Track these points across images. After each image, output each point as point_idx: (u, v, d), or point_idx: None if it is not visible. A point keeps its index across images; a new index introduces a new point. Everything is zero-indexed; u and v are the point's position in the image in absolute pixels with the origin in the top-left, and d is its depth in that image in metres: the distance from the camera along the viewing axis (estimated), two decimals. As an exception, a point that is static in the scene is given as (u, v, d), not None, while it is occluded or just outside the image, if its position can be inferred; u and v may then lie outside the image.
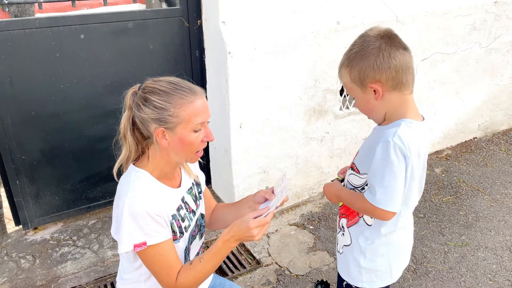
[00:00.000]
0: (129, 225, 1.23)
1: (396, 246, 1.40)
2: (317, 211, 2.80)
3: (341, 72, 1.26)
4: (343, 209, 1.45)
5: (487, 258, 2.37)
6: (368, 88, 1.20)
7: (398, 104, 1.25)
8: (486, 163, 3.32)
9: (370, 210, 1.26)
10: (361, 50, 1.19)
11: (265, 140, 2.53)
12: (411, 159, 1.20)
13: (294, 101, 2.53)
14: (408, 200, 1.33)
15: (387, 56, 1.18)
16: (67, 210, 2.62)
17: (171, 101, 1.23)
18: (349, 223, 1.41)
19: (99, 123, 2.46)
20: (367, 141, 1.37)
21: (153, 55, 2.44)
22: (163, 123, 1.24)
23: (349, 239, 1.42)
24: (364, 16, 2.60)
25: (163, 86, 1.25)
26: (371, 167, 1.24)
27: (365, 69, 1.18)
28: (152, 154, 1.32)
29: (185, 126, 1.25)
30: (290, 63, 2.42)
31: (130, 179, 1.29)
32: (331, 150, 2.84)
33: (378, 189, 1.21)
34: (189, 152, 1.30)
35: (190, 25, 2.44)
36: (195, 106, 1.25)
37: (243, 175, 2.56)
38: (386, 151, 1.19)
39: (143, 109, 1.24)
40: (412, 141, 1.21)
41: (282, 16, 2.36)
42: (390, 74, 1.19)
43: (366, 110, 1.28)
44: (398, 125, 1.22)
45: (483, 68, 3.34)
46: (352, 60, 1.20)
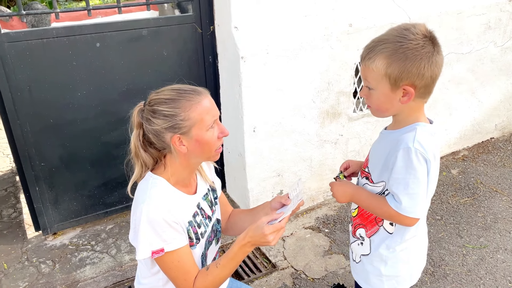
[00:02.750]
0: (146, 232, 1.25)
1: (416, 250, 1.38)
2: (332, 214, 2.79)
3: (374, 59, 1.15)
4: (358, 219, 1.42)
5: (507, 260, 2.33)
6: (400, 88, 1.16)
7: (415, 109, 1.24)
8: (504, 164, 3.27)
9: (394, 217, 1.24)
10: (411, 49, 1.12)
11: (278, 144, 2.53)
12: (432, 162, 1.19)
13: (307, 104, 2.53)
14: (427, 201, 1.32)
15: (434, 64, 1.15)
16: (85, 216, 2.66)
17: (179, 106, 1.25)
18: (369, 233, 1.38)
19: (116, 130, 2.51)
20: (378, 147, 1.34)
21: (167, 61, 2.47)
22: (177, 129, 1.26)
23: (369, 249, 1.39)
24: (376, 17, 2.59)
25: (167, 94, 1.27)
26: (392, 175, 1.22)
27: (409, 70, 1.13)
28: (169, 162, 1.33)
29: (199, 127, 1.27)
30: (302, 66, 2.42)
31: (148, 186, 1.31)
32: (345, 152, 2.83)
33: (403, 197, 1.20)
34: (209, 152, 1.32)
35: (203, 31, 2.47)
36: (203, 105, 1.26)
37: (257, 179, 2.57)
38: (408, 158, 1.18)
39: (154, 122, 1.26)
40: (430, 144, 1.20)
41: (294, 20, 2.37)
42: (426, 82, 1.16)
43: (381, 107, 1.23)
44: (414, 129, 1.20)
45: (498, 68, 3.30)
46: (398, 55, 1.13)
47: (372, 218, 1.38)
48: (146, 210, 1.25)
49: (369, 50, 1.19)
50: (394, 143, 1.23)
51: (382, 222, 1.34)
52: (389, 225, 1.34)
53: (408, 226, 1.28)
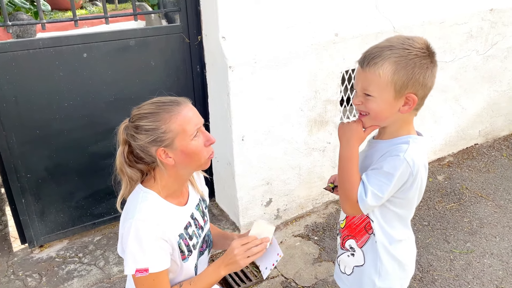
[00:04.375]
0: (134, 248, 1.24)
1: (405, 258, 1.40)
2: (321, 221, 2.81)
3: (382, 64, 1.13)
4: (346, 230, 1.43)
5: (493, 264, 2.36)
6: (404, 96, 1.16)
7: (407, 121, 1.25)
8: (488, 169, 3.33)
9: (351, 198, 1.23)
10: (419, 57, 1.14)
11: (267, 152, 2.55)
12: (417, 175, 1.21)
13: (295, 113, 2.55)
14: (412, 210, 1.34)
15: (434, 76, 1.17)
16: (72, 227, 2.63)
17: (159, 119, 1.25)
18: (360, 243, 1.39)
19: (103, 140, 2.49)
20: (367, 156, 1.33)
21: (155, 71, 2.48)
22: (160, 142, 1.26)
23: (363, 259, 1.39)
24: (361, 27, 2.64)
25: (147, 108, 1.28)
26: (372, 172, 1.23)
27: (416, 78, 1.14)
28: (159, 175, 1.33)
29: (182, 137, 1.27)
30: (290, 75, 2.45)
31: (138, 200, 1.30)
32: (333, 160, 2.85)
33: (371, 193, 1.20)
34: (197, 161, 1.32)
35: (190, 41, 2.48)
36: (183, 115, 1.27)
37: (246, 188, 2.57)
38: (394, 165, 1.19)
39: (138, 137, 1.26)
40: (420, 157, 1.21)
41: (281, 30, 2.39)
42: (425, 93, 1.18)
43: (379, 115, 1.21)
44: (407, 142, 1.21)
45: (481, 75, 3.37)
46: (406, 61, 1.13)
47: (361, 228, 1.38)
48: (135, 226, 1.24)
49: (374, 55, 1.16)
50: (384, 152, 1.23)
51: (371, 230, 1.35)
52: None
53: (348, 213, 1.32)
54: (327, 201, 2.97)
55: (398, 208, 1.30)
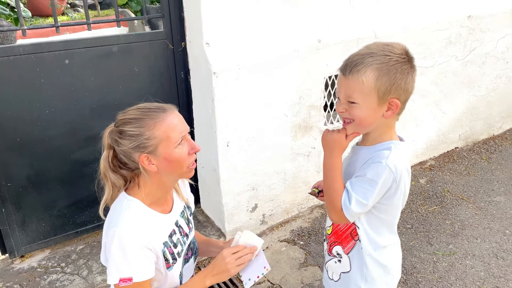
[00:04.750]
0: (117, 258, 1.23)
1: (391, 263, 1.41)
2: (306, 226, 2.82)
3: (365, 71, 1.15)
4: (332, 236, 1.43)
5: (475, 266, 2.41)
6: (387, 102, 1.18)
7: (390, 127, 1.27)
8: (469, 172, 3.40)
9: (335, 207, 1.24)
10: (400, 63, 1.16)
11: (252, 158, 2.55)
12: (400, 181, 1.23)
13: (280, 118, 2.57)
14: (398, 215, 1.36)
15: (413, 81, 1.19)
16: (54, 237, 2.58)
17: (144, 125, 1.25)
18: (346, 249, 1.39)
19: (86, 147, 2.46)
20: (351, 162, 1.34)
21: (139, 78, 2.46)
22: (143, 148, 1.25)
23: (349, 265, 1.40)
24: (343, 33, 2.67)
25: (132, 114, 1.27)
26: (356, 180, 1.24)
27: (398, 83, 1.16)
28: (142, 182, 1.32)
29: (166, 145, 1.26)
30: (274, 81, 2.46)
31: (122, 208, 1.29)
32: (318, 164, 2.87)
33: (355, 201, 1.22)
34: (180, 169, 1.31)
35: (174, 48, 2.47)
36: (168, 122, 1.26)
37: (232, 193, 2.57)
38: (377, 172, 1.20)
39: (121, 142, 1.26)
40: (403, 163, 1.23)
41: (265, 36, 2.41)
42: (407, 97, 1.21)
43: (364, 122, 1.22)
44: (389, 148, 1.23)
45: (460, 80, 3.45)
46: (388, 67, 1.15)
47: (347, 234, 1.39)
48: (119, 234, 1.23)
49: (356, 62, 1.17)
50: (367, 159, 1.25)
51: (357, 236, 1.36)
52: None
53: (334, 221, 1.33)
54: (312, 206, 2.98)
55: (383, 214, 1.32)
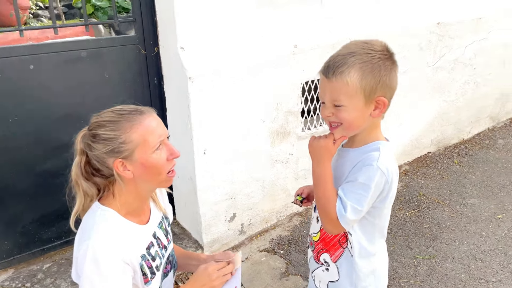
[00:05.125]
0: (91, 274, 1.12)
1: (380, 269, 1.37)
2: (286, 234, 2.76)
3: (349, 72, 1.11)
4: (320, 243, 1.38)
5: (455, 268, 2.41)
6: (373, 101, 1.14)
7: (376, 126, 1.24)
8: (442, 176, 3.44)
9: (330, 217, 1.19)
10: (382, 59, 1.13)
11: (230, 166, 2.48)
12: (392, 182, 1.19)
13: (258, 124, 2.51)
14: (388, 218, 1.32)
15: (396, 75, 1.16)
16: (18, 255, 2.40)
17: (119, 128, 1.16)
18: (334, 257, 1.34)
19: (53, 158, 2.31)
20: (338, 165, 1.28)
21: (110, 84, 2.35)
22: (118, 153, 1.16)
23: (337, 275, 1.34)
24: (319, 39, 2.66)
25: (107, 116, 1.19)
26: (348, 186, 1.19)
27: (383, 81, 1.12)
28: (117, 191, 1.23)
29: (143, 149, 1.18)
30: (251, 86, 2.41)
31: (95, 219, 1.19)
32: (296, 171, 2.83)
33: (350, 208, 1.17)
34: (158, 176, 1.23)
35: (147, 53, 2.38)
36: (146, 125, 1.18)
37: (209, 203, 2.48)
38: (369, 176, 1.16)
39: (94, 147, 1.17)
40: (392, 163, 1.20)
41: (241, 40, 2.36)
42: (391, 94, 1.17)
43: (353, 124, 1.17)
44: (377, 149, 1.19)
45: (432, 86, 3.52)
46: (371, 65, 1.11)
47: (335, 241, 1.34)
48: (92, 248, 1.13)
49: (338, 63, 1.13)
50: (357, 162, 1.20)
51: (346, 244, 1.31)
52: (350, 246, 1.30)
53: (330, 232, 1.27)
54: (291, 214, 2.93)
55: (377, 219, 1.28)
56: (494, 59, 3.90)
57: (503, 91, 4.17)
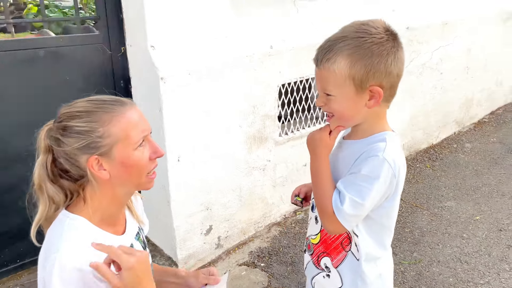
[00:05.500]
0: None
1: (386, 273, 1.24)
2: (266, 246, 2.60)
3: (335, 60, 1.01)
4: (321, 246, 1.24)
5: (442, 272, 2.34)
6: (366, 91, 1.03)
7: (380, 116, 1.12)
8: (417, 180, 3.43)
9: (326, 212, 1.08)
10: (376, 44, 1.00)
11: (206, 174, 2.30)
12: (399, 177, 1.08)
13: (234, 129, 2.37)
14: (396, 215, 1.20)
15: (399, 61, 1.04)
16: (-36, 283, 2.10)
17: (97, 120, 0.99)
18: (335, 262, 1.21)
19: (6, 170, 2.05)
20: (340, 158, 1.18)
21: (71, 87, 2.14)
22: (94, 149, 0.99)
23: (340, 281, 1.21)
24: (295, 40, 2.57)
25: (81, 106, 1.01)
26: (349, 176, 1.08)
27: (376, 68, 1.00)
28: (90, 195, 1.04)
29: (124, 145, 1.01)
30: (227, 88, 2.27)
31: (63, 229, 1.00)
32: (274, 179, 2.70)
33: (348, 200, 1.05)
34: (138, 177, 1.06)
35: (112, 53, 2.19)
36: (128, 117, 1.01)
37: (184, 215, 2.29)
38: (374, 167, 1.04)
39: (65, 141, 0.98)
40: (400, 156, 1.09)
41: (216, 40, 2.23)
42: (393, 82, 1.05)
43: (344, 115, 1.08)
44: (384, 140, 1.08)
45: (402, 90, 3.51)
46: (362, 51, 1.00)
47: (337, 244, 1.21)
48: (60, 262, 0.94)
49: (326, 50, 1.04)
50: (360, 154, 1.08)
51: (349, 246, 1.18)
52: (356, 249, 1.18)
53: (329, 230, 1.14)
54: (269, 224, 2.78)
55: (385, 218, 1.16)
56: (458, 65, 3.98)
57: (467, 96, 4.27)
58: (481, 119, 4.59)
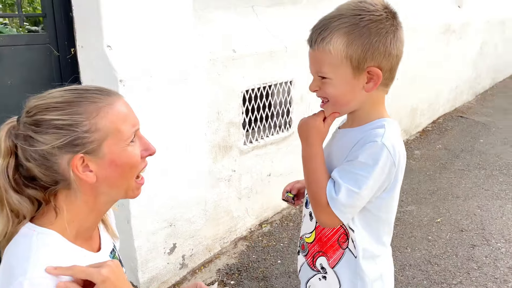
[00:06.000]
0: None
1: (387, 273, 1.15)
2: (234, 262, 2.44)
3: (331, 39, 0.95)
4: (316, 245, 1.14)
5: (416, 275, 2.32)
6: (364, 72, 0.96)
7: (378, 102, 1.05)
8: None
9: (319, 203, 1.00)
10: (374, 22, 0.94)
11: (169, 186, 2.12)
12: (399, 166, 1.01)
13: (198, 137, 2.21)
14: (395, 208, 1.12)
15: (399, 41, 0.97)
16: None
17: (81, 111, 0.82)
18: (332, 261, 1.11)
19: None
20: (336, 147, 1.10)
21: (13, 93, 1.87)
22: (79, 146, 0.81)
23: (337, 282, 1.10)
24: (256, 45, 2.49)
25: (59, 96, 0.84)
26: (344, 165, 1.00)
27: (374, 47, 0.94)
28: (65, 204, 0.86)
29: (114, 141, 0.85)
30: (190, 93, 2.12)
31: (31, 246, 0.81)
32: (239, 190, 2.56)
33: (343, 189, 0.97)
34: (129, 179, 0.90)
35: (61, 54, 1.97)
36: (118, 108, 0.86)
37: (146, 233, 2.07)
38: (371, 153, 0.96)
39: (39, 139, 0.80)
40: (400, 144, 1.02)
41: (178, 42, 2.08)
42: (392, 63, 0.98)
43: (340, 100, 1.00)
44: (382, 126, 1.00)
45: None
46: (359, 29, 0.93)
47: (333, 241, 1.10)
48: (30, 286, 0.75)
49: (320, 29, 0.97)
50: (357, 141, 1.00)
51: (346, 243, 1.08)
52: (353, 246, 1.08)
53: (322, 223, 1.05)
54: (235, 239, 2.62)
55: (383, 211, 1.07)
56: (406, 74, 4.13)
57: (413, 105, 4.44)
58: (425, 127, 4.80)
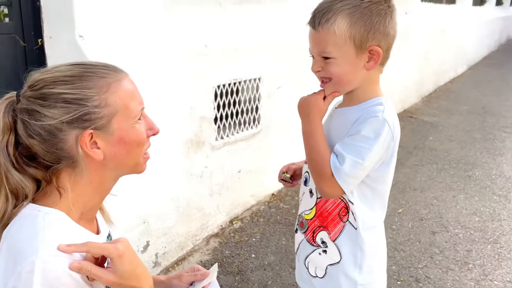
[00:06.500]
0: None
1: (382, 245, 1.21)
2: (207, 259, 2.42)
3: (335, 20, 1.00)
4: (317, 220, 1.17)
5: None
6: (366, 52, 1.02)
7: (374, 81, 1.11)
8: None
9: (324, 175, 1.04)
10: (374, 3, 1.00)
11: (142, 182, 2.06)
12: (396, 141, 1.07)
13: (171, 132, 2.19)
14: (390, 182, 1.18)
15: (395, 22, 1.04)
16: None
17: (91, 86, 0.80)
18: (333, 234, 1.14)
19: None
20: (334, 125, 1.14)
21: (-26, 84, 1.76)
22: (88, 122, 0.79)
23: (338, 254, 1.14)
24: (226, 41, 2.51)
25: (67, 70, 0.82)
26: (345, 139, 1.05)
27: (376, 27, 1.00)
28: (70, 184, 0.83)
29: (122, 118, 0.83)
30: (163, 86, 2.10)
31: (37, 226, 0.77)
32: (211, 186, 2.55)
33: (347, 160, 1.02)
34: (137, 156, 0.89)
35: (27, 46, 1.88)
36: (126, 85, 0.85)
37: (120, 230, 2.00)
38: (373, 127, 1.02)
39: (46, 113, 0.77)
40: (396, 120, 1.08)
41: (149, 35, 2.05)
42: (389, 43, 1.05)
43: (343, 79, 1.05)
44: (380, 103, 1.06)
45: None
46: (361, 10, 0.99)
47: (334, 215, 1.15)
48: (42, 266, 0.72)
49: (324, 11, 1.02)
50: (357, 118, 1.05)
51: (347, 216, 1.13)
52: (353, 218, 1.14)
53: (327, 194, 1.10)
54: (207, 236, 2.60)
55: (379, 183, 1.13)
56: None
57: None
58: (379, 127, 5.02)
